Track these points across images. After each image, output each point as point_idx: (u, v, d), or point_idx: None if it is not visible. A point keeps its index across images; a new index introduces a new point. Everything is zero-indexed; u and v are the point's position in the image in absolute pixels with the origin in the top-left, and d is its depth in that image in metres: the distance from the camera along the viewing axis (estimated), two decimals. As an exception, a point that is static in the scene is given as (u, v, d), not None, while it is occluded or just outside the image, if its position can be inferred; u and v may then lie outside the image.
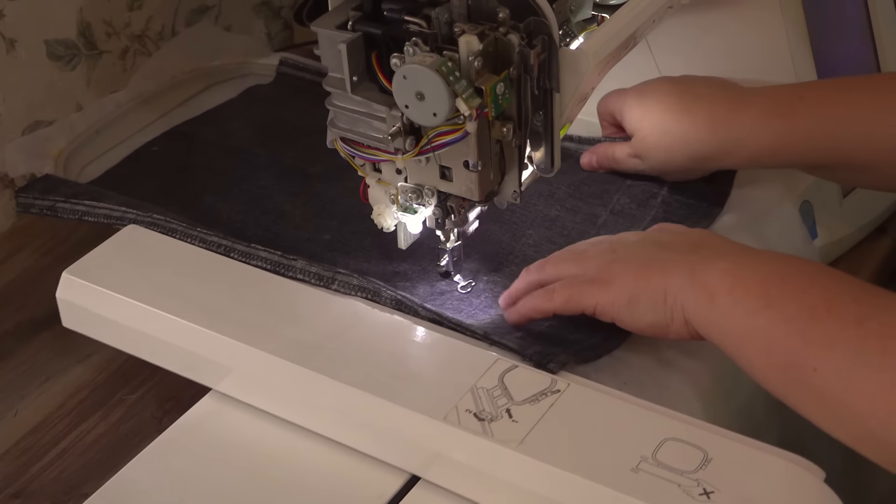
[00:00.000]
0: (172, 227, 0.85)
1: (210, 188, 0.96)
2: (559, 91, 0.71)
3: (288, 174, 0.98)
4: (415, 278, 0.86)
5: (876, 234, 1.00)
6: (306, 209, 0.93)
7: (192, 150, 1.03)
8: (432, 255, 0.86)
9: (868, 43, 1.01)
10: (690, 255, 0.73)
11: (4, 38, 1.02)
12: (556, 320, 0.78)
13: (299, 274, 0.81)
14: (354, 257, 0.87)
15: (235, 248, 0.83)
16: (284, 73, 1.14)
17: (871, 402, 0.61)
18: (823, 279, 0.68)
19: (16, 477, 0.80)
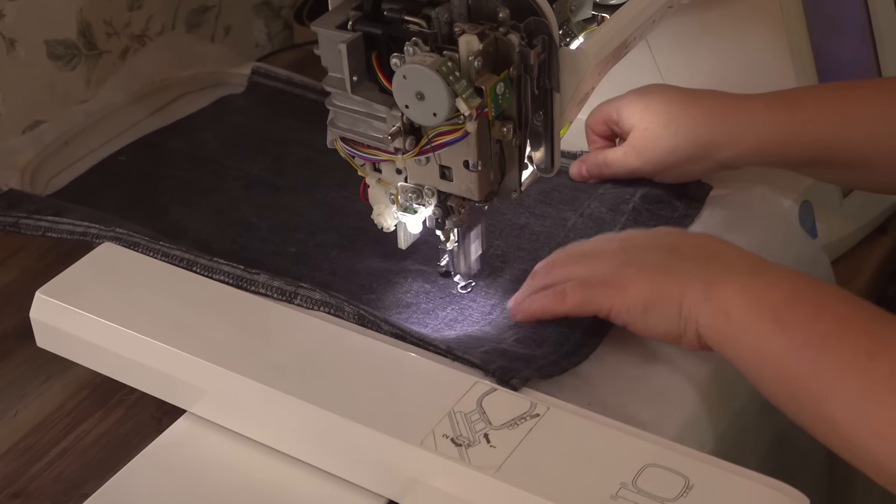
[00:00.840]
0: (135, 240, 0.84)
1: (177, 199, 0.96)
2: (559, 91, 0.71)
3: (255, 186, 0.97)
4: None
5: (876, 234, 1.00)
6: (273, 221, 0.92)
7: (159, 160, 1.02)
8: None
9: (868, 43, 1.01)
10: (706, 267, 0.73)
11: (4, 38, 1.02)
12: (523, 334, 0.77)
13: (262, 288, 0.80)
14: (320, 270, 0.86)
15: (198, 262, 0.82)
16: (256, 82, 1.13)
17: (880, 438, 0.62)
18: (834, 306, 0.68)
19: (16, 477, 0.80)
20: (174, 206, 0.95)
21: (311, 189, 0.95)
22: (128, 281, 0.82)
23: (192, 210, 0.94)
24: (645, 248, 0.76)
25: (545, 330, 0.77)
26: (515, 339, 0.77)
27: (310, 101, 1.09)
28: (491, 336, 0.78)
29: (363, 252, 0.87)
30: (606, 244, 0.78)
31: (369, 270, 0.85)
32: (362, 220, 0.88)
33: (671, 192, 0.90)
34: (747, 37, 0.95)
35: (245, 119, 1.08)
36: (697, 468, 0.65)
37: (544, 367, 0.73)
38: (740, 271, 0.72)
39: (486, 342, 0.76)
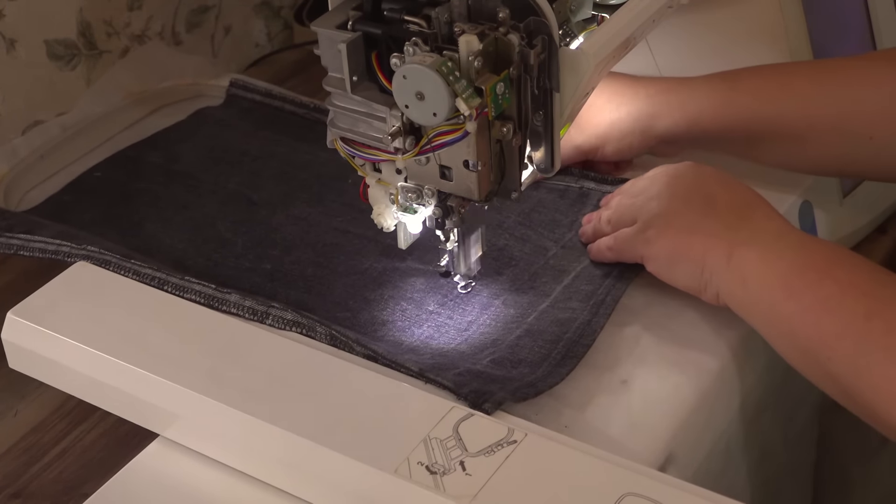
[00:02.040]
0: (106, 259, 0.84)
1: (152, 215, 0.94)
2: (559, 91, 0.71)
3: (231, 201, 0.96)
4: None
5: (876, 234, 1.00)
6: (248, 237, 0.91)
7: (135, 175, 1.00)
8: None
9: (868, 43, 1.01)
10: (731, 230, 0.76)
11: (4, 38, 1.03)
12: (499, 355, 0.76)
13: (233, 308, 0.79)
14: (295, 288, 0.85)
15: (169, 281, 0.82)
16: (234, 94, 1.12)
17: (876, 392, 0.67)
18: (837, 270, 0.72)
19: (16, 477, 0.80)
20: (149, 222, 0.93)
21: (288, 204, 0.94)
22: (99, 301, 0.81)
23: (167, 226, 0.93)
24: (682, 196, 0.79)
25: (522, 350, 0.77)
26: (491, 360, 0.76)
27: (288, 113, 1.08)
28: (467, 356, 0.77)
29: (339, 269, 0.86)
30: (652, 188, 0.82)
31: (345, 288, 0.85)
32: (338, 236, 0.89)
33: None
34: (747, 37, 0.95)
35: (222, 132, 1.06)
36: (677, 497, 0.64)
37: (519, 390, 0.73)
38: (763, 238, 0.75)
39: (461, 363, 0.76)
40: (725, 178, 0.81)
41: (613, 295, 0.81)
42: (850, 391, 0.69)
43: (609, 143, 0.90)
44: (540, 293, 0.83)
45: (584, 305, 0.80)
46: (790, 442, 0.90)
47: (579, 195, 0.93)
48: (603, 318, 0.79)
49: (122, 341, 0.77)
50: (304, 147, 1.02)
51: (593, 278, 0.83)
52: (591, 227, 0.87)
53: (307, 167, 0.98)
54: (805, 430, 0.93)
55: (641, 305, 0.82)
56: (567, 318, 0.79)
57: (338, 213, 0.92)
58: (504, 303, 0.82)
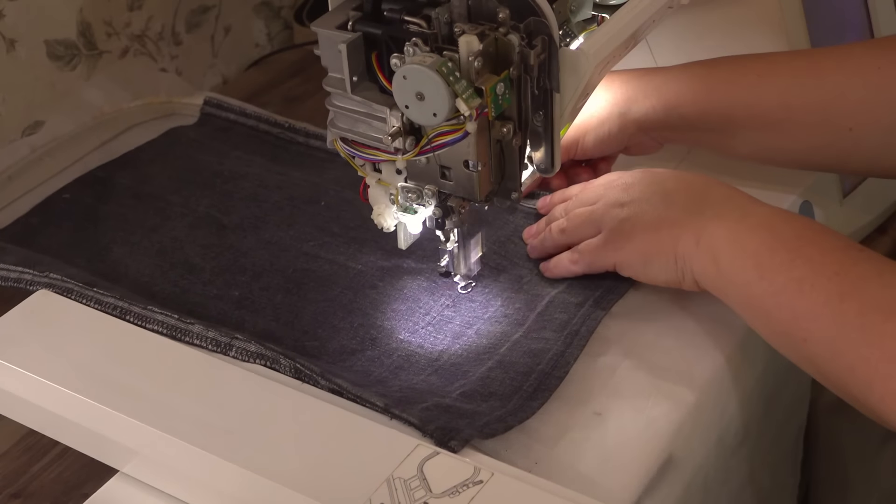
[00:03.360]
0: (68, 286, 0.82)
1: (119, 239, 0.92)
2: (559, 91, 0.71)
3: (201, 224, 0.93)
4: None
5: (876, 234, 1.00)
6: (217, 263, 0.88)
7: (105, 196, 0.98)
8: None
9: (868, 43, 1.01)
10: (694, 215, 0.76)
11: (4, 38, 1.03)
12: (469, 387, 0.75)
13: (196, 339, 0.78)
14: (263, 315, 0.83)
15: (132, 311, 0.80)
16: (208, 113, 1.09)
17: (852, 373, 0.67)
18: (808, 249, 0.71)
19: (16, 477, 0.80)
20: (116, 246, 0.91)
21: (259, 227, 0.92)
22: (59, 332, 0.79)
23: (135, 250, 0.90)
24: (641, 199, 0.79)
25: (493, 383, 0.75)
26: (461, 393, 0.74)
27: (262, 132, 1.06)
28: (436, 388, 0.75)
29: (308, 296, 0.84)
30: (609, 195, 0.81)
31: (314, 316, 0.83)
32: (308, 261, 0.87)
33: None
34: (747, 37, 0.95)
35: (195, 152, 1.04)
36: None
37: (488, 425, 0.70)
38: (727, 216, 0.75)
39: (430, 396, 0.74)
40: (677, 173, 0.82)
41: (588, 325, 0.79)
42: (827, 372, 0.69)
43: (588, 133, 0.88)
44: (513, 322, 0.81)
45: (558, 336, 0.78)
46: (773, 466, 0.88)
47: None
48: (577, 349, 0.77)
49: (79, 374, 0.75)
50: (277, 168, 1.00)
51: (567, 306, 0.81)
52: (541, 241, 0.85)
53: (280, 188, 0.96)
54: (788, 454, 0.91)
55: (617, 335, 0.79)
56: (540, 348, 0.77)
57: (309, 236, 0.90)
58: (477, 332, 0.80)
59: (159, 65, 1.19)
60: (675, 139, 0.90)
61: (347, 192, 0.94)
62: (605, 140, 0.88)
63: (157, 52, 1.19)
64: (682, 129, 0.88)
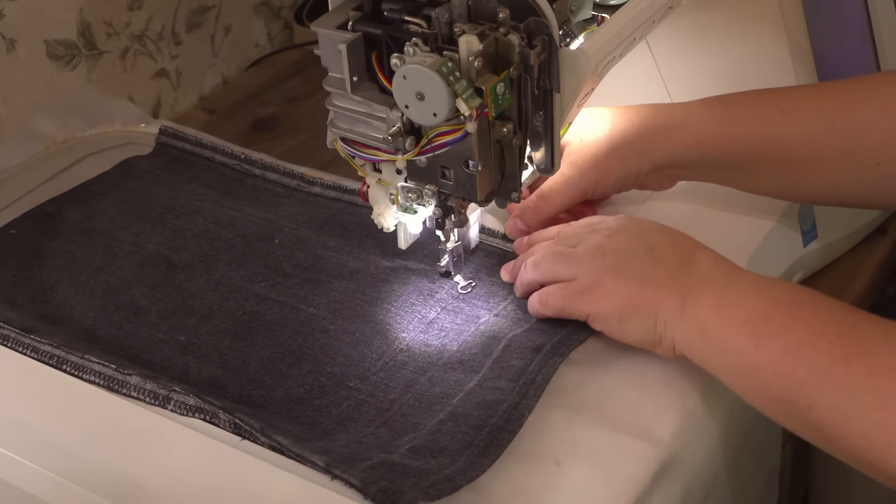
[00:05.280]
0: (4, 332, 0.79)
1: (65, 278, 0.87)
2: (559, 91, 0.71)
3: (150, 263, 0.89)
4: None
5: (876, 234, 1.00)
6: (164, 305, 0.84)
7: (53, 232, 0.93)
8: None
9: (868, 43, 1.01)
10: (680, 278, 0.74)
11: (4, 38, 1.03)
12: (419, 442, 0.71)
13: (133, 391, 0.75)
14: (208, 362, 0.79)
15: (68, 360, 0.77)
16: (164, 143, 1.04)
17: (867, 439, 0.63)
18: (804, 313, 0.68)
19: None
20: (62, 286, 0.87)
21: (209, 266, 0.88)
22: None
23: (80, 290, 0.86)
24: (625, 251, 0.76)
25: (443, 437, 0.71)
26: (410, 448, 0.70)
27: (218, 164, 1.01)
28: (385, 441, 0.71)
29: (256, 341, 0.81)
30: (591, 237, 0.78)
31: (261, 362, 0.79)
32: (258, 303, 0.84)
33: None
34: (747, 37, 0.95)
35: (148, 185, 0.99)
36: None
37: (435, 485, 0.66)
38: (714, 282, 0.73)
39: (377, 452, 0.70)
40: (663, 227, 0.79)
41: (545, 373, 0.75)
42: (837, 440, 0.65)
43: (609, 174, 0.85)
44: (468, 369, 0.77)
45: (514, 385, 0.74)
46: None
47: None
48: (532, 399, 0.73)
49: (6, 428, 0.73)
50: (230, 203, 0.96)
51: (524, 351, 0.77)
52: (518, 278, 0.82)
53: (233, 225, 0.92)
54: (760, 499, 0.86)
55: (574, 384, 0.75)
56: (494, 399, 0.73)
57: (260, 276, 0.86)
58: (430, 380, 0.77)
59: (159, 65, 1.19)
60: (695, 177, 0.88)
61: (302, 229, 0.91)
62: (626, 180, 0.86)
63: (157, 52, 1.19)
64: (703, 168, 0.86)
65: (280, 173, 0.99)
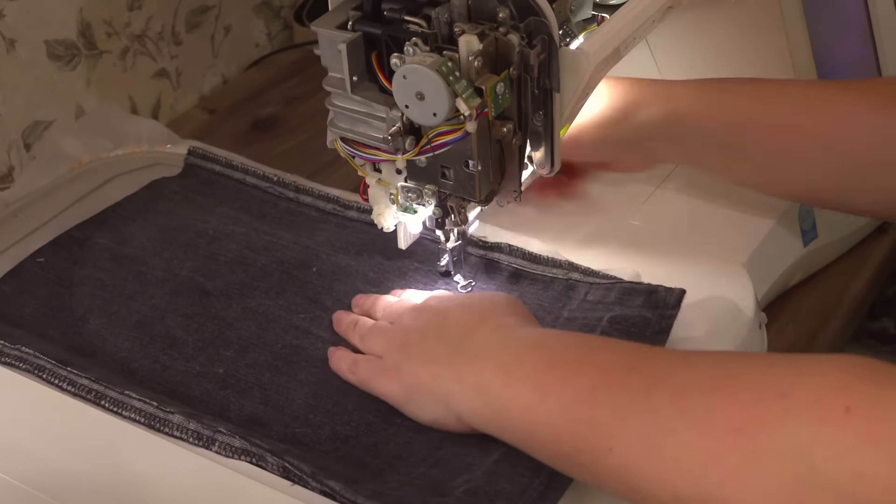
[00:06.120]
0: (40, 363, 0.76)
1: (97, 308, 0.85)
2: (559, 91, 0.71)
3: (183, 291, 0.86)
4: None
5: (876, 234, 1.00)
6: (200, 335, 0.82)
7: (81, 259, 0.90)
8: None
9: (868, 43, 1.01)
10: (458, 351, 0.72)
11: (4, 38, 1.03)
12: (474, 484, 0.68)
13: (176, 431, 0.72)
14: (250, 397, 0.77)
15: (107, 395, 0.74)
16: (193, 164, 1.01)
17: (678, 464, 0.59)
18: (593, 355, 0.66)
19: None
20: (93, 317, 0.84)
21: (245, 294, 0.86)
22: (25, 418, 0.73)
23: (112, 321, 0.83)
24: (419, 330, 0.76)
25: (500, 479, 0.69)
26: (465, 490, 0.68)
27: (249, 186, 0.99)
28: (438, 484, 0.69)
29: (298, 376, 0.78)
30: (403, 319, 0.78)
31: (304, 399, 0.77)
32: (299, 336, 0.82)
33: (643, 306, 0.81)
34: (747, 37, 0.95)
35: (177, 208, 0.96)
36: None
37: None
38: (490, 347, 0.71)
39: (431, 496, 0.67)
40: (467, 299, 0.79)
41: None
42: (640, 479, 0.60)
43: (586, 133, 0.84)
44: None
45: None
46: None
47: (565, 287, 0.84)
48: None
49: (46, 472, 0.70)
50: (264, 227, 0.93)
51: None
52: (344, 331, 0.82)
53: (267, 251, 0.90)
54: None
55: None
56: None
57: (300, 307, 0.84)
58: None
59: (159, 65, 1.19)
60: (673, 156, 0.87)
61: (340, 256, 0.89)
62: (603, 142, 0.85)
63: (157, 52, 1.19)
64: (684, 143, 0.84)
65: (314, 196, 0.96)
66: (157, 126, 1.07)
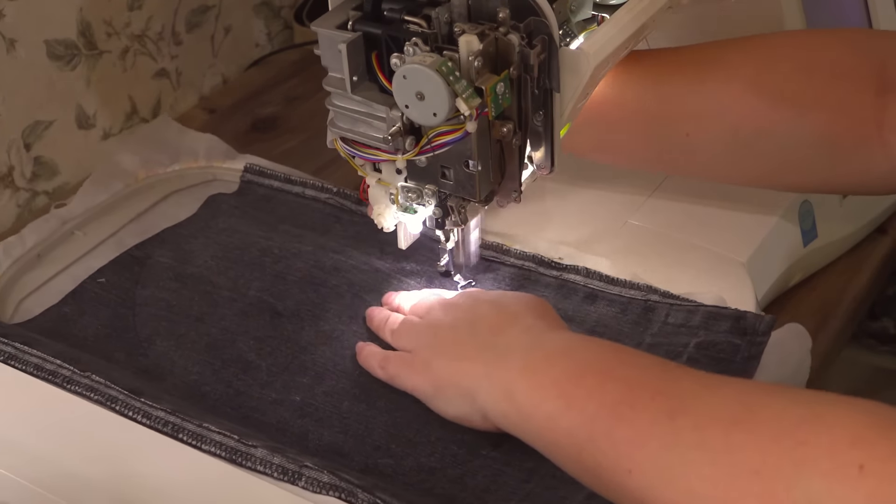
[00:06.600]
0: (112, 394, 0.75)
1: (163, 329, 0.84)
2: (559, 91, 0.71)
3: (253, 312, 0.85)
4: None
5: (876, 234, 1.00)
6: (274, 360, 0.81)
7: (144, 279, 0.89)
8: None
9: (868, 43, 1.01)
10: (488, 348, 0.73)
11: (4, 38, 1.02)
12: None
13: (259, 465, 0.70)
14: (329, 426, 0.76)
15: (185, 429, 0.72)
16: (249, 181, 1.00)
17: (692, 497, 0.59)
18: (621, 370, 0.66)
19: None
20: (159, 338, 0.83)
21: (317, 317, 0.84)
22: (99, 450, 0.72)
23: (180, 343, 0.82)
24: (449, 326, 0.77)
25: None
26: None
27: (309, 199, 0.97)
28: None
29: (378, 404, 0.77)
30: (432, 315, 0.79)
31: (385, 428, 0.75)
32: None
33: (730, 332, 0.80)
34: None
35: (238, 225, 0.94)
36: None
37: None
38: (519, 348, 0.71)
39: None
40: (499, 297, 0.79)
41: None
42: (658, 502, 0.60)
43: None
44: None
45: None
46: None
47: (644, 310, 0.84)
48: None
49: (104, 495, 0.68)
50: (331, 244, 0.92)
51: None
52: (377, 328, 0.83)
53: (336, 270, 0.89)
54: None
55: None
56: None
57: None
58: None
59: (159, 65, 1.19)
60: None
61: (412, 281, 0.87)
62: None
63: (157, 52, 1.19)
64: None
65: None
66: (214, 140, 1.06)
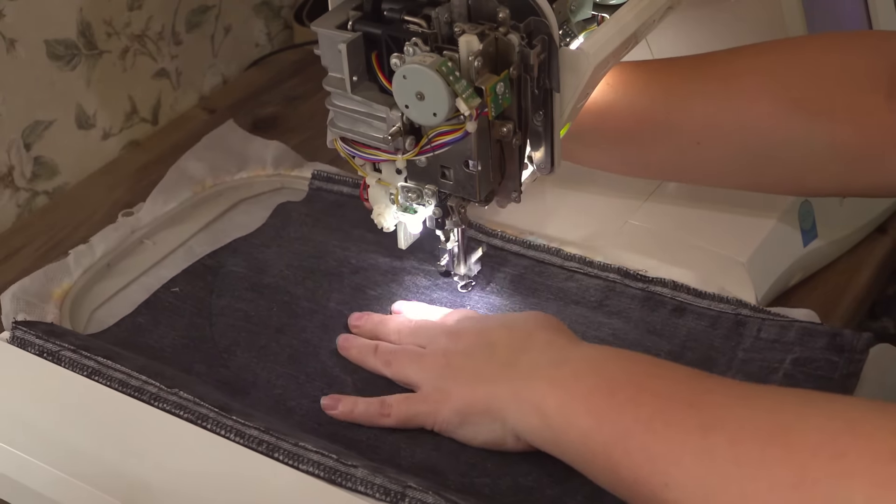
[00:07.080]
0: (202, 412, 0.73)
1: (243, 341, 0.82)
2: (559, 91, 0.71)
3: (334, 324, 0.83)
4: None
5: (876, 234, 1.00)
6: (359, 375, 0.79)
7: (218, 289, 0.88)
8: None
9: (868, 43, 1.01)
10: (511, 367, 0.72)
11: (4, 38, 1.03)
12: None
13: (360, 486, 0.68)
14: (421, 444, 0.73)
15: (280, 448, 0.70)
16: (318, 188, 0.98)
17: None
18: (652, 383, 0.65)
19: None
20: (240, 350, 0.82)
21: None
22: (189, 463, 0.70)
23: (262, 355, 0.81)
24: (463, 352, 0.75)
25: None
26: None
27: None
28: None
29: None
30: (437, 343, 0.77)
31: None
32: None
33: (826, 349, 0.78)
34: (747, 37, 0.95)
35: (311, 234, 0.93)
36: None
37: None
38: (545, 364, 0.70)
39: None
40: (507, 319, 0.78)
41: None
42: None
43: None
44: None
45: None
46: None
47: (735, 324, 0.82)
48: None
49: None
50: (406, 253, 0.88)
51: None
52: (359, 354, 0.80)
53: (417, 288, 0.87)
54: None
55: None
56: None
57: None
58: None
59: (159, 65, 1.19)
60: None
61: (493, 297, 0.85)
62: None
63: (157, 52, 1.19)
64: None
65: None
66: (281, 148, 1.04)
